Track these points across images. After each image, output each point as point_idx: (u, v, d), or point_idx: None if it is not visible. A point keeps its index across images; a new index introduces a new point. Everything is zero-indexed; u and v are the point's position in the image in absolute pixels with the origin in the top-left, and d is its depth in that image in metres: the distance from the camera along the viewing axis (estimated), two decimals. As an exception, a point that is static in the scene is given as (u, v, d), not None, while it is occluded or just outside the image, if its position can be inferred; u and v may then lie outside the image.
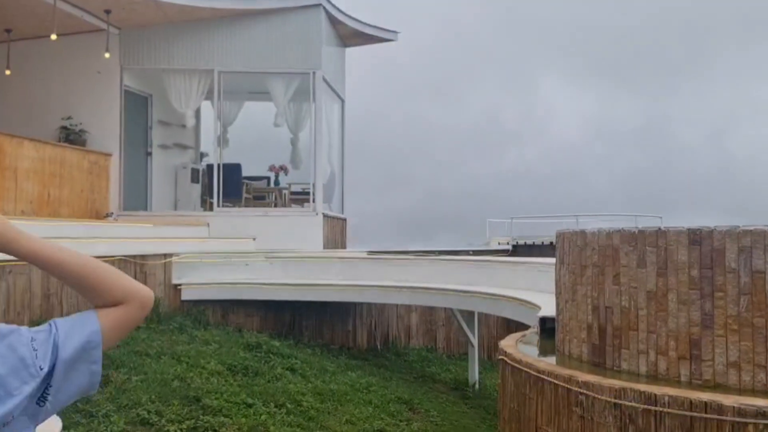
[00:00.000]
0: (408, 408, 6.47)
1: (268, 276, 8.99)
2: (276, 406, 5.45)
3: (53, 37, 8.55)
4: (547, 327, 4.21)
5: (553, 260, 7.67)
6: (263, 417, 5.08)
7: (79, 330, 1.11)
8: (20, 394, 1.03)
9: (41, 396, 1.06)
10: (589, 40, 36.03)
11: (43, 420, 1.09)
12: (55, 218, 8.44)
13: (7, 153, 8.05)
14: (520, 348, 3.79)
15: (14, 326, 1.08)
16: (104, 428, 4.36)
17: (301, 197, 11.39)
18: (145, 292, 1.19)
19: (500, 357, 3.61)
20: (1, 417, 1.01)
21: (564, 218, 14.47)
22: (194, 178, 11.54)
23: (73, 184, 9.28)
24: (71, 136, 9.77)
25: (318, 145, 10.60)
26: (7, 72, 9.64)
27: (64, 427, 3.93)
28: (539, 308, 5.26)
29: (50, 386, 1.06)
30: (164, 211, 10.71)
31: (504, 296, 6.24)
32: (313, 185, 10.53)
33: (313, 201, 10.47)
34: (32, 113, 9.89)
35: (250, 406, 5.28)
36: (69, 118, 9.89)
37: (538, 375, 3.01)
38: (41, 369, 1.05)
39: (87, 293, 1.19)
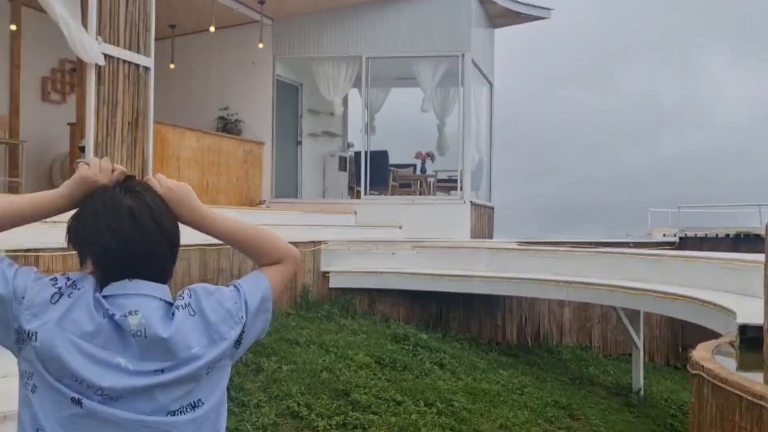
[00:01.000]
0: (566, 414, 5.95)
1: (414, 265, 8.77)
2: (426, 405, 5.18)
3: (212, 29, 8.83)
4: (748, 336, 3.56)
5: (737, 255, 6.79)
6: (413, 416, 4.83)
7: (256, 287, 1.39)
8: (229, 338, 1.30)
9: (238, 340, 1.33)
10: (761, 12, 32.43)
11: (235, 360, 1.36)
12: (213, 205, 8.76)
13: (170, 143, 8.44)
14: (718, 360, 3.20)
15: (216, 286, 1.36)
16: (255, 419, 4.31)
17: (448, 185, 11.07)
18: (296, 252, 1.50)
19: (695, 372, 3.05)
20: (217, 356, 1.27)
21: (743, 208, 12.91)
22: (342, 166, 11.59)
23: (229, 173, 9.61)
24: (228, 126, 10.13)
25: (466, 130, 10.20)
26: (171, 66, 10.15)
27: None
28: (729, 312, 4.55)
29: (243, 332, 1.33)
30: (313, 199, 10.85)
31: (683, 296, 5.51)
32: (461, 172, 10.15)
33: (461, 189, 10.10)
34: (192, 104, 10.37)
35: (399, 403, 5.05)
36: (226, 108, 10.25)
37: (754, 400, 2.46)
38: (242, 318, 1.33)
39: (253, 255, 1.46)
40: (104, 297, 1.25)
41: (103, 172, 1.31)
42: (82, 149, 6.71)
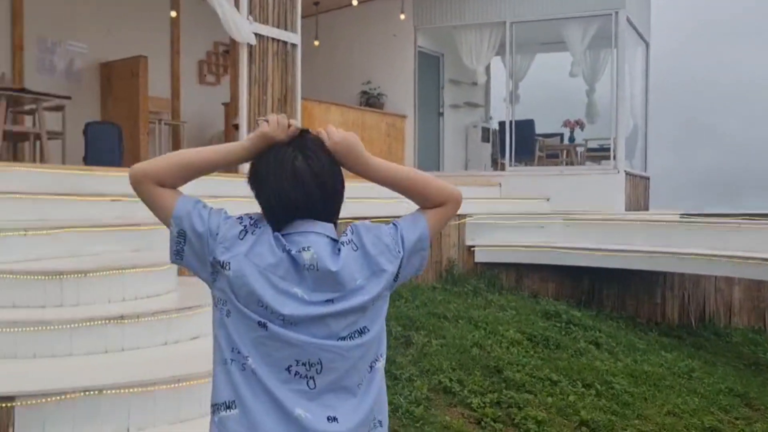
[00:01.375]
0: (743, 402, 5.39)
1: (564, 239, 8.35)
2: (584, 386, 4.88)
3: (354, 2, 8.84)
4: None
5: None
6: (571, 398, 4.56)
7: (414, 226, 1.49)
8: (388, 270, 1.43)
9: (396, 273, 1.46)
10: None
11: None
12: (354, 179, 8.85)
13: (316, 118, 8.60)
14: None
15: (374, 223, 1.48)
16: (408, 392, 4.26)
17: (599, 154, 10.43)
18: (458, 193, 1.56)
19: None
20: (381, 289, 1.42)
21: None
22: (484, 137, 11.29)
23: (372, 147, 9.65)
24: (371, 100, 10.17)
25: (620, 95, 9.50)
26: (316, 43, 10.34)
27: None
28: None
29: (401, 267, 1.45)
30: (455, 171, 10.66)
31: None
32: (614, 140, 9.50)
33: (614, 158, 9.46)
34: (336, 80, 10.51)
35: (555, 383, 4.80)
36: (368, 82, 10.29)
37: None
38: (399, 252, 1.45)
39: (416, 199, 1.54)
40: (282, 235, 1.41)
41: (280, 128, 1.45)
42: (236, 127, 6.99)
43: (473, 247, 8.32)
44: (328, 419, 1.37)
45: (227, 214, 1.46)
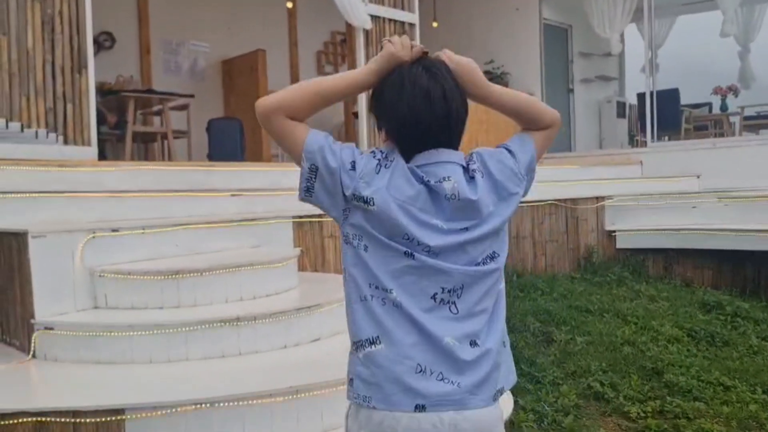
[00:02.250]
0: None
1: (721, 221, 7.39)
2: (764, 392, 4.13)
3: (473, -24, 8.31)
4: None
5: None
6: (752, 407, 3.85)
7: (524, 149, 1.56)
8: (517, 194, 1.50)
9: (522, 196, 1.53)
10: None
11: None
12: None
13: (437, 102, 8.18)
14: None
15: (493, 149, 1.55)
16: (554, 399, 3.77)
17: (758, 122, 9.22)
18: (559, 116, 1.65)
19: None
20: (511, 212, 1.49)
21: None
22: (620, 112, 10.37)
23: (498, 130, 9.08)
24: (494, 80, 9.58)
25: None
26: (434, 24, 9.90)
27: (512, 393, 3.44)
28: None
29: (526, 189, 1.54)
30: (589, 151, 9.85)
31: None
32: (778, 105, 8.32)
33: (779, 125, 8.28)
34: (457, 61, 10.02)
35: (728, 388, 4.09)
36: (491, 62, 9.73)
37: None
38: (523, 176, 1.52)
39: (527, 122, 1.61)
40: (417, 166, 1.41)
41: (404, 49, 1.46)
42: (356, 115, 6.73)
43: (614, 232, 7.56)
44: (470, 344, 1.40)
45: (358, 149, 1.44)
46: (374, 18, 6.54)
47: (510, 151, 1.52)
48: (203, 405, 2.28)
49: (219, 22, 8.50)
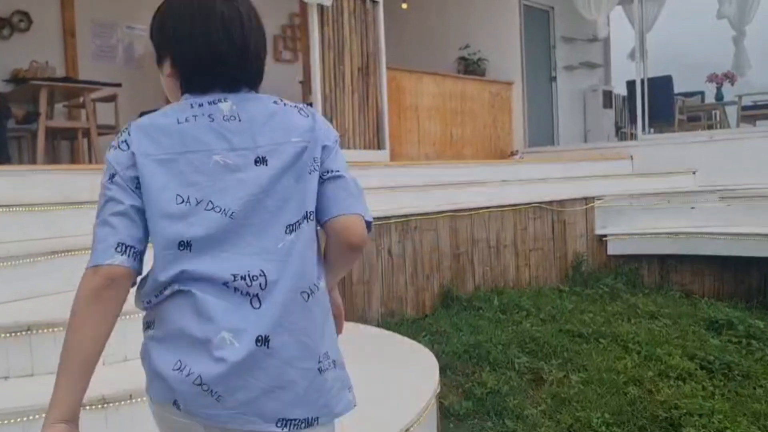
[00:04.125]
0: None
1: (723, 222, 6.64)
2: (805, 448, 3.34)
3: (445, -50, 7.43)
4: None
5: None
6: (795, 474, 3.06)
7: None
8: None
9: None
10: None
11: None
12: (458, 160, 7.50)
13: (407, 90, 7.31)
14: None
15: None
16: (548, 470, 2.93)
17: (755, 113, 8.48)
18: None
19: None
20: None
21: None
22: (606, 102, 9.57)
23: (474, 121, 8.25)
24: (470, 67, 8.75)
25: (788, 35, 7.53)
26: (404, 6, 9.01)
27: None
28: None
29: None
30: (573, 145, 9.05)
31: None
32: (780, 94, 7.57)
33: (782, 116, 7.53)
34: (429, 46, 9.15)
35: (763, 447, 3.29)
36: (466, 47, 8.86)
37: None
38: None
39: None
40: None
41: None
42: (310, 105, 5.81)
43: (605, 236, 6.77)
44: None
45: (116, 159, 1.25)
46: (331, -8, 5.63)
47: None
48: None
49: (159, 2, 7.49)
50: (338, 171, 1.32)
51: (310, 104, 5.79)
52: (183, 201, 1.22)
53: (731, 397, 3.86)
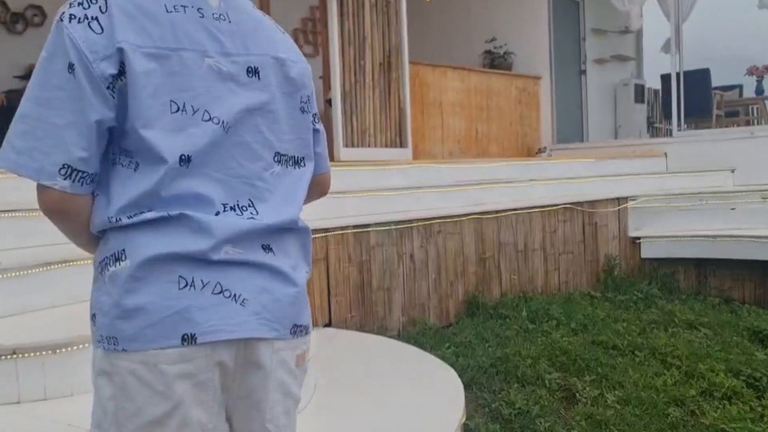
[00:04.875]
0: None
1: (765, 224, 6.27)
2: None
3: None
4: None
5: None
6: None
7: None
8: None
9: None
10: None
11: None
12: (483, 158, 7.20)
13: (430, 86, 7.02)
14: None
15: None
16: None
17: (799, 108, 8.05)
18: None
19: None
20: None
21: None
22: (638, 96, 9.19)
23: (501, 117, 7.94)
24: (496, 61, 8.43)
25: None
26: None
27: None
28: None
29: None
30: (605, 141, 8.70)
31: None
32: (826, 88, 7.14)
33: (828, 111, 7.11)
34: (453, 40, 8.85)
35: (821, 478, 2.98)
36: (493, 40, 8.54)
37: None
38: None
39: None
40: None
41: None
42: (329, 102, 5.57)
43: (638, 239, 6.45)
44: None
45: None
46: (351, -16, 5.38)
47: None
48: None
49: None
50: (318, 119, 1.28)
51: (329, 101, 5.55)
52: (179, 109, 1.03)
53: (784, 419, 3.55)
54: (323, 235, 3.91)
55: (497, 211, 5.09)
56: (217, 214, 1.06)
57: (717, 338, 4.76)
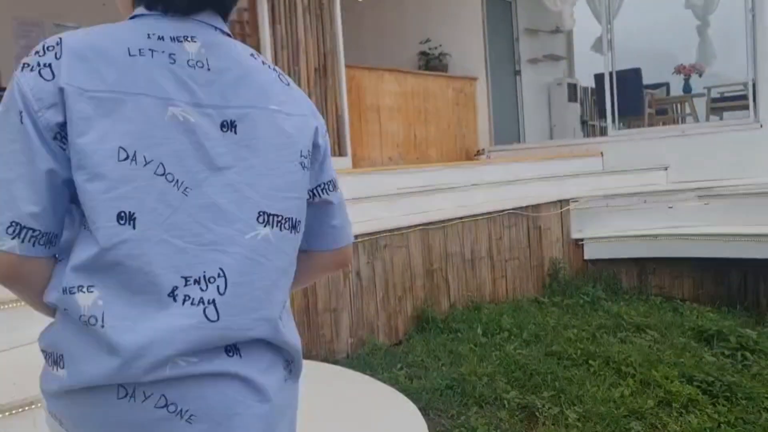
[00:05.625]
0: None
1: (702, 223, 6.37)
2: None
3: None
4: None
5: None
6: None
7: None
8: None
9: None
10: None
11: None
12: (423, 163, 7.05)
13: (367, 89, 6.81)
14: None
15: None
16: None
17: (725, 105, 8.27)
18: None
19: None
20: None
21: None
22: (571, 95, 9.27)
23: (439, 120, 7.81)
24: (431, 62, 8.30)
25: (758, 23, 7.29)
26: (359, -1, 8.50)
27: None
28: None
29: None
30: (542, 142, 8.71)
31: None
32: (752, 85, 7.32)
33: (754, 107, 7.29)
34: (387, 42, 8.67)
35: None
36: (427, 41, 8.41)
37: None
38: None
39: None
40: None
41: None
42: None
43: (581, 240, 6.44)
44: None
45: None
46: (282, -14, 5.10)
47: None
48: None
49: (91, -3, 6.81)
50: (334, 186, 1.16)
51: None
52: (128, 158, 0.91)
53: (738, 425, 3.52)
54: (264, 257, 3.63)
55: (443, 221, 4.93)
56: (173, 292, 0.91)
57: (665, 341, 4.75)
